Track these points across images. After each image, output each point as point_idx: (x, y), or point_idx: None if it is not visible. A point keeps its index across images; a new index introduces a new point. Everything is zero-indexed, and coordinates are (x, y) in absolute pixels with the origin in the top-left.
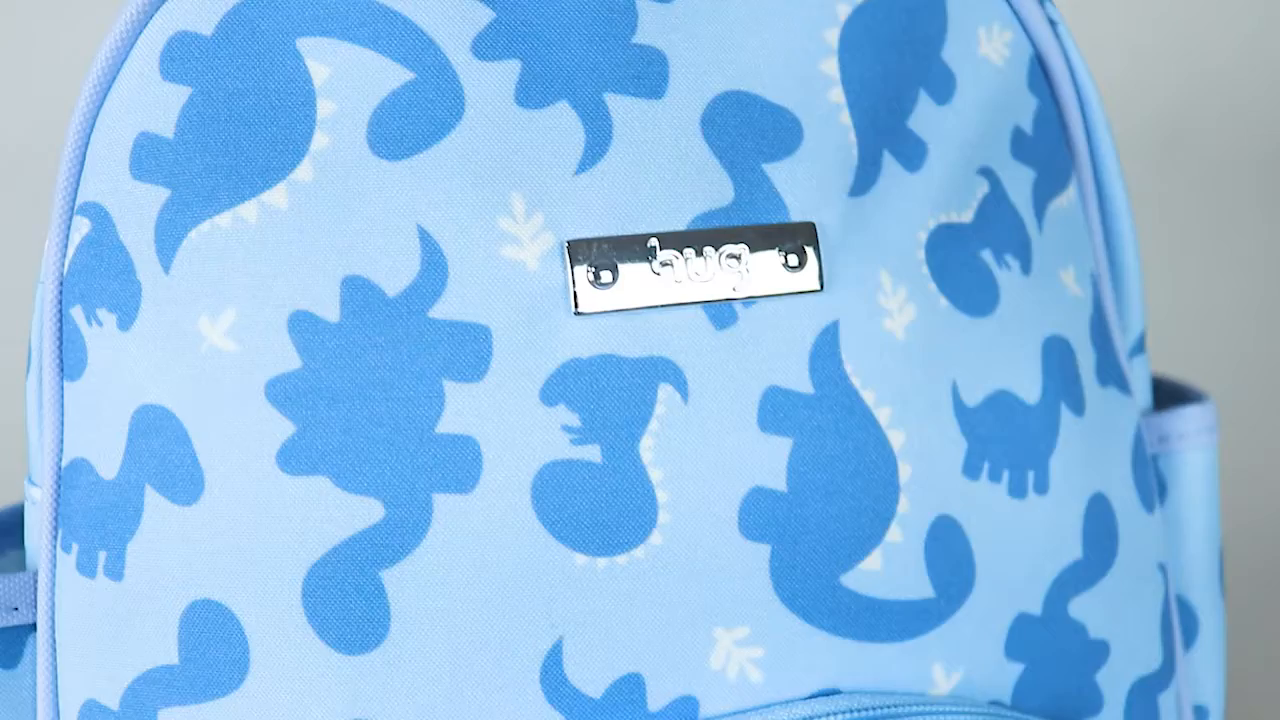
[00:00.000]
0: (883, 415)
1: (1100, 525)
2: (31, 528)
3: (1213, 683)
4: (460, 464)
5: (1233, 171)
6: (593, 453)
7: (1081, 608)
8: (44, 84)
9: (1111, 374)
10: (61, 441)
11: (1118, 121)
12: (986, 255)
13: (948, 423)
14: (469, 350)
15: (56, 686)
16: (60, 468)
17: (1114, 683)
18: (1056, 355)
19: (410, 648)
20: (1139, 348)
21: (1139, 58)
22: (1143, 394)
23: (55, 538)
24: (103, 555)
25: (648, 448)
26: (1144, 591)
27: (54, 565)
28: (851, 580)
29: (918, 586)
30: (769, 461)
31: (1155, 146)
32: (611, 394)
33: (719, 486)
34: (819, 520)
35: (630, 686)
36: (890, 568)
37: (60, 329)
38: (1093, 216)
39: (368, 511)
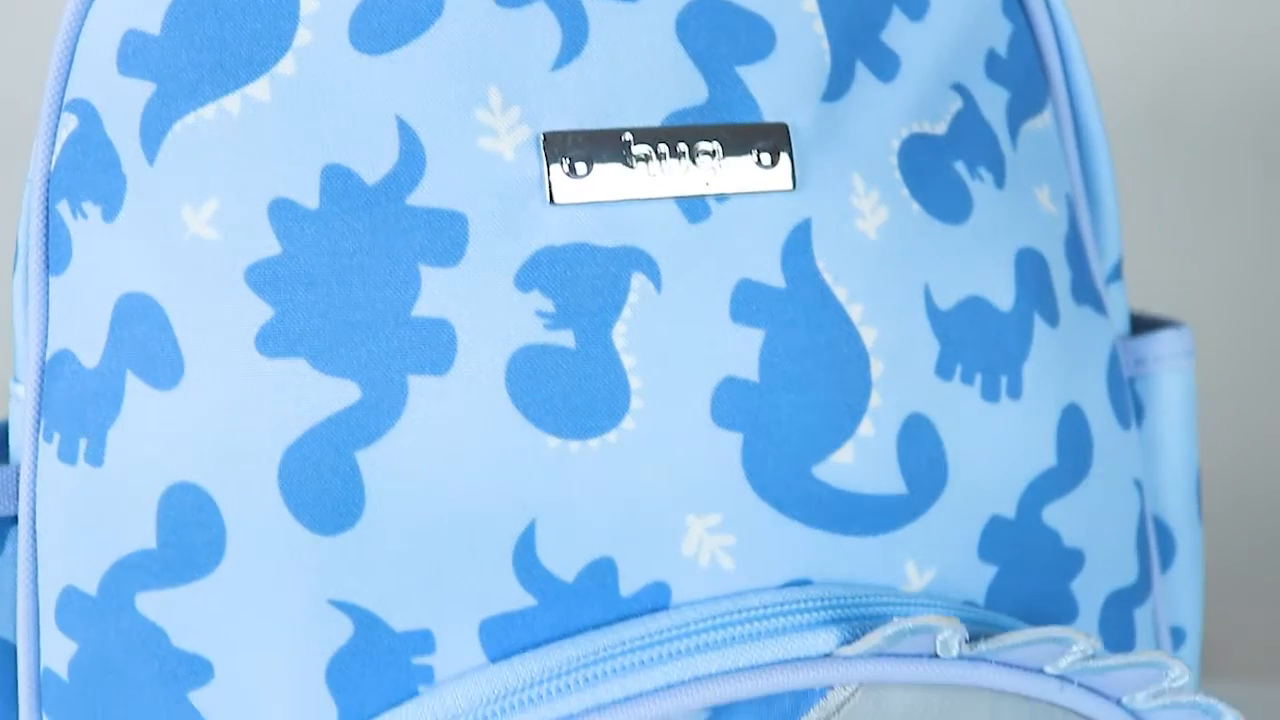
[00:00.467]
0: (855, 311)
1: (1074, 435)
2: (15, 423)
3: (1190, 605)
4: (435, 346)
5: (1228, 149)
6: (566, 338)
7: (1055, 515)
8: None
9: (1087, 294)
10: (46, 336)
11: (1109, 99)
12: (959, 166)
13: (920, 323)
14: (445, 236)
15: (36, 576)
16: (44, 361)
17: (1089, 592)
18: (1030, 266)
19: (384, 528)
20: (1115, 274)
21: (1133, 32)
22: (1120, 320)
23: (38, 429)
24: (84, 442)
25: (620, 334)
26: (1119, 505)
27: (36, 456)
28: (823, 472)
29: (890, 481)
30: (741, 351)
31: (1148, 121)
32: (585, 281)
33: (691, 374)
34: (791, 411)
35: (602, 571)
36: (862, 461)
37: (46, 224)
38: (1068, 143)
39: (344, 393)
